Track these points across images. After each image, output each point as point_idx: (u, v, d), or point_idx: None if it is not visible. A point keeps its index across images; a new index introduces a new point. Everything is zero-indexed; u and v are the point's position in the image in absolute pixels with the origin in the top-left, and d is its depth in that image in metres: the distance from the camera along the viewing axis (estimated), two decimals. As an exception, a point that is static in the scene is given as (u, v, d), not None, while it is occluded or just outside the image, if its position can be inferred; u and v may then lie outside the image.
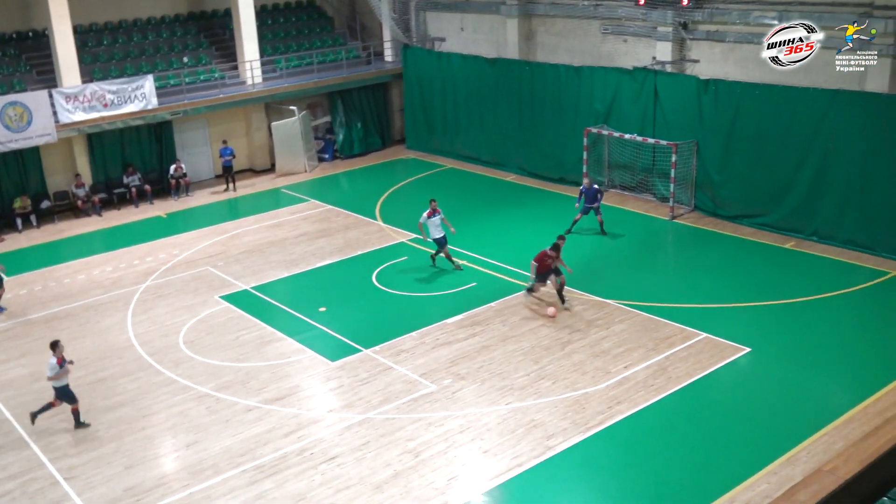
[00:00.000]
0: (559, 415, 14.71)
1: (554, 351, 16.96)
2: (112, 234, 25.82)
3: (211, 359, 17.44)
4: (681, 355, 16.51)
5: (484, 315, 18.75)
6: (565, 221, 24.57)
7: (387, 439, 14.31)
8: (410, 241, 23.42)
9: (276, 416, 15.21)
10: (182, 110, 28.53)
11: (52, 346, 15.16)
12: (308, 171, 31.16)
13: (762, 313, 18.20)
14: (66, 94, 26.31)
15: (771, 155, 22.47)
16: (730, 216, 23.67)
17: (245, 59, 30.57)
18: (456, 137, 31.42)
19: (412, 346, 17.50)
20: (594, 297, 19.25)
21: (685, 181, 24.39)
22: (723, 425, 14.33)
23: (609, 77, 25.87)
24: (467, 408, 15.12)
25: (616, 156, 26.18)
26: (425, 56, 31.81)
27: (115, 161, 28.46)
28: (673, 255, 22.84)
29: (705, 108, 23.63)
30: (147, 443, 14.66)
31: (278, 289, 20.88)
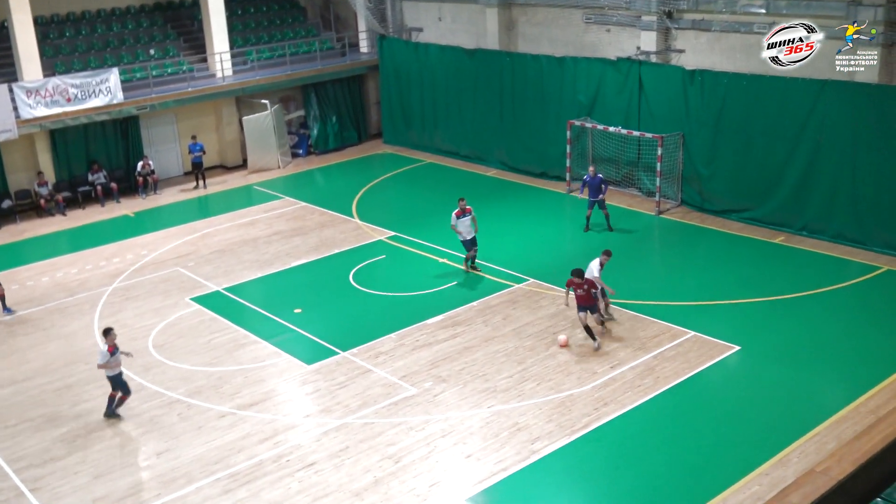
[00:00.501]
0: (544, 417, 14.74)
1: (538, 351, 16.99)
2: (77, 234, 25.59)
3: (182, 363, 17.33)
4: (668, 354, 16.58)
5: (465, 315, 18.75)
6: (548, 217, 24.62)
7: (366, 445, 14.29)
8: (388, 239, 23.38)
9: (250, 422, 15.14)
10: (149, 105, 28.34)
11: (104, 333, 15.31)
12: (281, 167, 31.03)
13: (752, 310, 18.31)
14: (27, 89, 26.05)
15: (759, 147, 22.62)
16: (717, 211, 23.81)
17: (214, 50, 30.40)
18: (435, 131, 31.40)
19: (391, 348, 17.47)
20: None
21: (671, 175, 24.50)
22: (713, 426, 14.41)
23: (592, 68, 25.94)
24: (449, 411, 15.12)
25: (600, 149, 26.25)
26: (402, 47, 31.76)
27: (79, 158, 28.21)
28: (659, 252, 22.93)
29: (691, 99, 23.74)
30: (116, 451, 14.54)
31: (251, 290, 20.78)
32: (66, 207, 27.41)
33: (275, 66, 31.65)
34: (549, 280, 20.07)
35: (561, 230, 24.04)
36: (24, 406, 16.08)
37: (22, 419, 15.63)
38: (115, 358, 15.20)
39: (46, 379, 17.02)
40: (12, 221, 26.63)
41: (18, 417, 15.69)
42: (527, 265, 21.05)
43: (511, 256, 21.71)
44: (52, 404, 16.07)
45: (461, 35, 31.06)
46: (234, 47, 31.59)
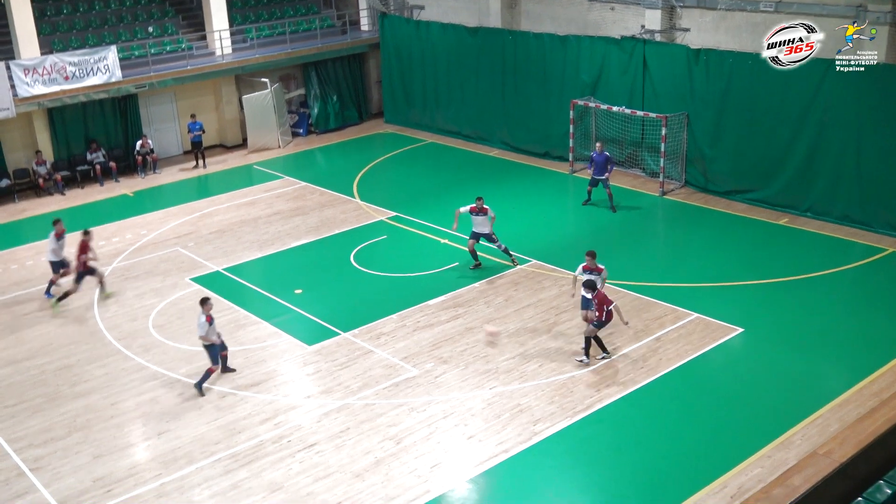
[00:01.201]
0: (546, 399, 14.79)
1: (540, 333, 17.02)
2: (76, 213, 25.57)
3: (182, 343, 17.37)
4: (671, 336, 16.62)
5: (467, 296, 18.77)
6: (551, 198, 24.60)
7: (367, 426, 14.35)
8: (389, 220, 23.37)
9: (251, 402, 15.20)
10: (148, 83, 28.24)
11: (201, 303, 15.43)
12: (281, 146, 30.98)
13: (755, 292, 18.33)
14: (25, 67, 25.95)
15: (764, 128, 22.56)
16: (722, 192, 23.77)
17: (214, 28, 30.26)
18: (436, 111, 31.31)
19: (392, 329, 17.51)
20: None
21: (675, 155, 24.45)
22: (715, 408, 14.46)
23: (596, 47, 25.82)
24: (450, 392, 15.17)
25: (604, 129, 26.18)
26: (403, 25, 31.61)
27: (77, 137, 28.15)
28: (663, 233, 22.92)
29: (696, 79, 23.65)
30: (116, 431, 14.61)
31: (252, 270, 20.80)
32: (64, 187, 27.39)
33: (275, 45, 31.52)
34: (552, 261, 20.08)
35: (564, 211, 24.01)
36: (24, 386, 16.14)
37: (22, 399, 15.70)
38: (212, 328, 15.40)
39: (46, 359, 17.08)
40: (11, 201, 26.61)
41: (18, 397, 15.76)
42: (529, 246, 21.05)
43: (513, 237, 21.69)
44: (52, 384, 16.14)
45: (463, 13, 30.91)
46: (234, 25, 31.44)
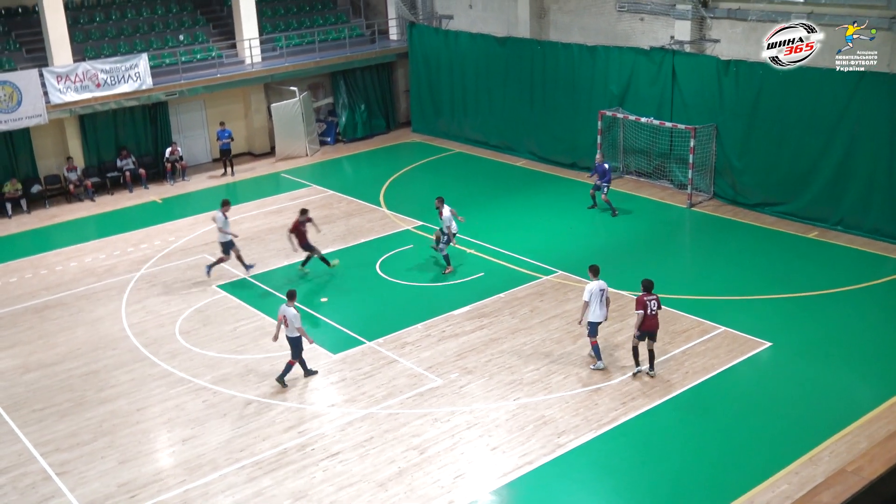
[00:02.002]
0: (570, 411, 14.73)
1: (565, 344, 16.96)
2: (105, 219, 25.87)
3: (208, 350, 17.49)
4: (698, 349, 16.50)
5: (492, 306, 18.76)
6: (578, 209, 24.55)
7: (391, 435, 14.36)
8: (415, 229, 23.41)
9: (275, 410, 15.27)
10: (178, 91, 28.53)
11: (289, 296, 15.81)
12: (309, 155, 31.15)
13: (784, 306, 18.17)
14: (58, 74, 26.31)
15: (794, 140, 22.38)
16: (750, 204, 23.61)
17: (244, 37, 30.53)
18: (464, 120, 31.36)
19: (417, 339, 17.52)
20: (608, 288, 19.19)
21: (704, 167, 24.32)
22: (742, 423, 14.33)
23: (625, 57, 25.77)
24: (474, 403, 15.15)
25: (631, 140, 26.11)
26: (432, 35, 31.72)
27: (108, 144, 28.48)
28: (690, 245, 22.80)
29: (726, 90, 23.53)
30: (142, 437, 14.73)
31: (278, 278, 20.91)
32: (94, 193, 27.71)
33: (304, 53, 31.73)
34: (578, 272, 20.02)
35: (590, 222, 23.94)
36: (52, 390, 16.32)
37: (49, 403, 15.87)
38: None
39: (74, 364, 17.26)
40: (42, 206, 26.95)
41: (46, 402, 15.94)
42: (555, 257, 21.01)
43: (539, 248, 21.67)
44: (79, 389, 16.30)
45: (492, 23, 30.97)
46: (264, 33, 31.70)
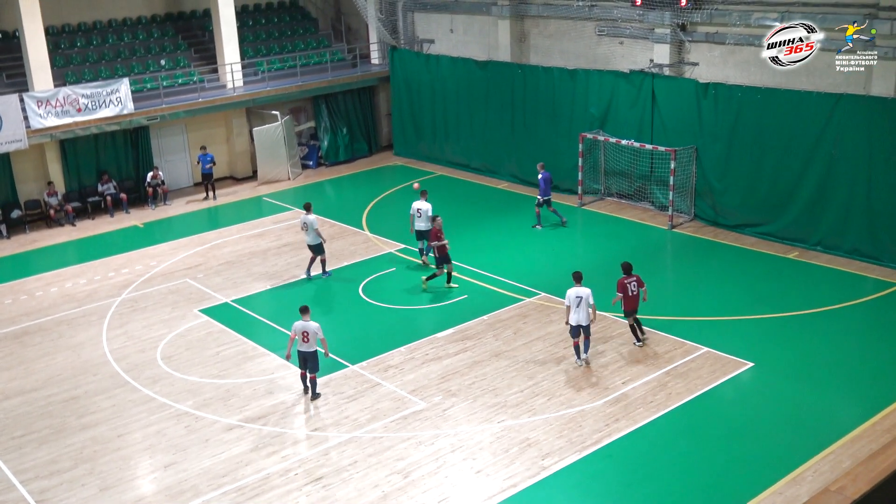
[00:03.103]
0: (554, 433, 14.71)
1: (549, 366, 16.96)
2: (86, 244, 25.71)
3: (190, 375, 17.37)
4: (681, 370, 16.53)
5: (475, 329, 18.74)
6: (560, 231, 24.64)
7: (375, 459, 14.28)
8: (399, 252, 23.41)
9: (258, 435, 15.16)
10: (159, 115, 28.50)
11: (303, 311, 16.05)
12: (291, 178, 31.13)
13: (765, 326, 18.25)
14: (38, 99, 26.23)
15: (773, 161, 22.57)
16: (731, 225, 23.76)
17: (225, 61, 30.57)
18: (446, 144, 31.47)
19: (401, 362, 17.47)
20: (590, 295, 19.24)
21: (684, 189, 24.47)
22: (726, 443, 14.35)
23: (605, 80, 25.97)
24: (459, 426, 15.10)
25: (613, 162, 26.25)
26: (413, 59, 31.87)
27: (89, 168, 28.37)
28: (672, 266, 22.89)
29: (705, 112, 23.73)
30: (123, 464, 14.58)
31: (260, 302, 20.83)
32: (75, 218, 27.56)
33: (285, 77, 31.80)
34: (560, 294, 19.97)
35: (573, 244, 24.02)
36: (32, 417, 16.14)
37: (29, 430, 15.69)
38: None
39: (54, 390, 17.09)
40: (22, 231, 26.76)
41: (25, 428, 15.76)
42: (537, 279, 21.04)
43: (522, 270, 21.70)
44: (59, 415, 16.13)
45: (473, 46, 31.16)
46: (245, 58, 31.76)
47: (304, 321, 15.93)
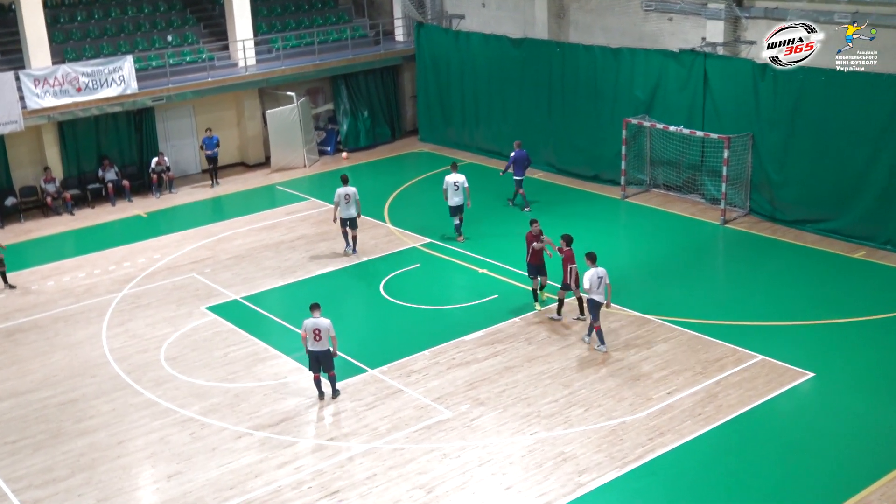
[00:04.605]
0: (592, 447, 14.69)
1: (587, 374, 16.93)
2: (85, 235, 25.98)
3: (196, 378, 17.51)
4: (733, 380, 16.45)
5: (507, 331, 18.75)
6: (600, 226, 24.57)
7: (395, 472, 14.33)
8: (423, 247, 23.45)
9: (269, 444, 15.25)
10: (165, 96, 28.70)
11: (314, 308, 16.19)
12: (307, 165, 31.27)
13: (828, 333, 18.11)
14: (35, 77, 26.49)
15: (838, 151, 22.38)
16: (790, 221, 23.59)
17: (237, 38, 30.73)
18: (476, 129, 31.46)
19: (424, 367, 17.52)
20: (633, 312, 19.22)
21: (739, 180, 24.32)
22: (781, 462, 14.26)
23: (652, 61, 25.84)
24: (487, 438, 15.12)
25: (659, 151, 26.14)
26: (442, 36, 31.88)
27: (89, 153, 28.64)
28: (724, 265, 22.77)
29: (762, 96, 23.56)
30: (123, 473, 14.72)
31: (272, 299, 20.95)
32: (74, 206, 27.84)
33: (302, 56, 31.91)
34: (601, 295, 20.00)
35: (615, 240, 23.95)
36: (26, 421, 16.35)
37: (23, 435, 15.89)
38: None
39: (49, 392, 17.28)
40: (16, 220, 27.07)
41: (19, 433, 15.96)
42: (576, 278, 20.98)
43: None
44: (55, 420, 16.32)
45: (506, 23, 31.11)
46: (259, 34, 31.90)
47: (314, 318, 16.00)
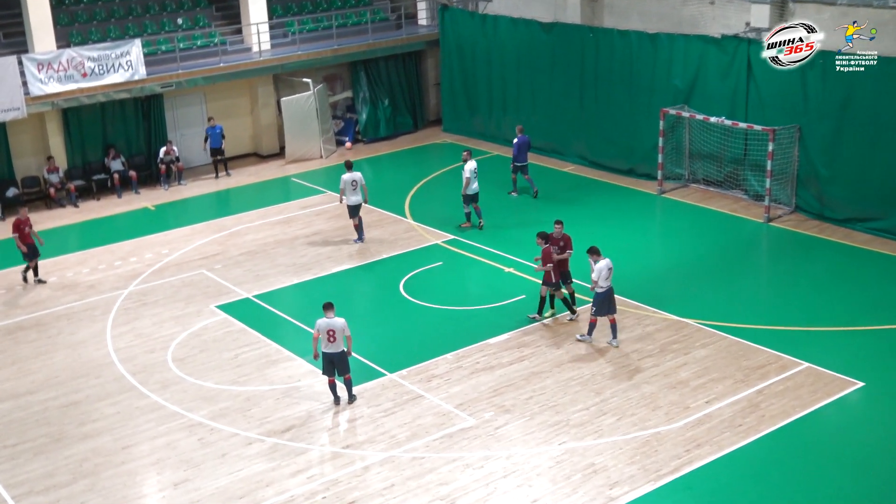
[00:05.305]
0: (625, 459, 14.64)
1: (620, 380, 16.88)
2: (90, 228, 26.16)
3: (205, 380, 17.58)
4: (776, 389, 16.35)
5: (535, 334, 18.72)
6: (635, 223, 24.49)
7: (414, 483, 14.33)
8: (445, 244, 23.44)
9: (281, 451, 15.30)
10: (175, 82, 28.84)
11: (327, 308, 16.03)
12: (324, 156, 31.34)
13: (878, 340, 17.98)
14: (39, 61, 26.67)
15: (893, 144, 22.21)
16: (839, 219, 23.45)
17: (250, 21, 30.83)
18: (503, 119, 31.42)
19: (446, 371, 17.51)
20: (670, 315, 19.14)
21: (784, 175, 24.19)
22: (828, 477, 14.17)
23: (692, 47, 25.73)
24: (513, 447, 15.10)
25: (699, 143, 26.02)
26: (467, 19, 31.86)
27: (94, 142, 28.83)
28: (768, 266, 22.65)
29: (811, 86, 23.41)
30: (128, 479, 14.80)
31: (286, 298, 21.01)
32: (78, 198, 28.03)
33: (319, 40, 31.98)
34: (636, 297, 19.93)
35: (650, 238, 23.86)
36: (26, 424, 16.46)
37: (23, 439, 16.00)
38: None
39: (51, 394, 17.40)
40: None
41: (19, 437, 16.08)
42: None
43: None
44: (56, 423, 16.43)
45: (536, 6, 31.03)
46: (274, 17, 32.00)
47: (328, 318, 16.01)
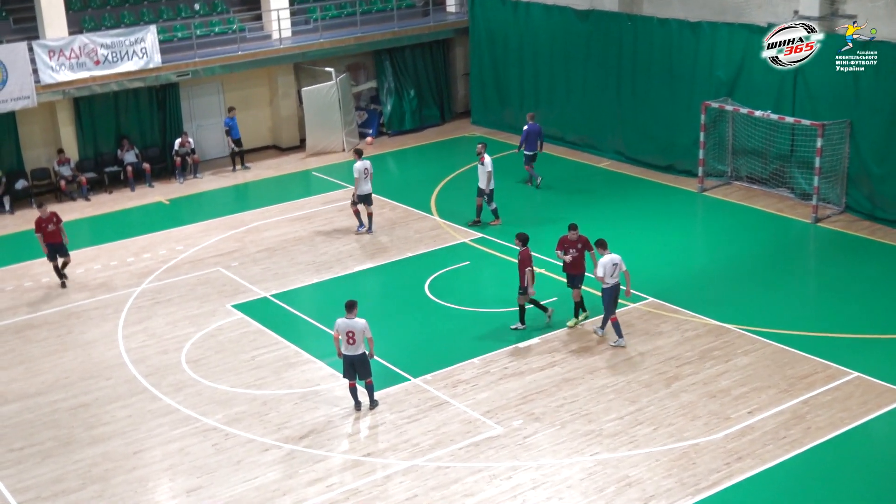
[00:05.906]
0: (661, 471, 14.60)
1: (656, 388, 16.83)
2: (102, 222, 26.34)
3: (220, 383, 17.67)
4: (823, 400, 16.26)
5: (566, 339, 18.69)
6: (674, 222, 24.40)
7: (438, 493, 14.35)
8: (473, 242, 23.44)
9: (298, 458, 15.35)
10: (191, 70, 28.98)
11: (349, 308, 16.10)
12: (346, 150, 31.40)
13: (932, 348, 17.85)
14: (50, 48, 26.85)
15: (948, 141, 22.09)
16: (892, 220, 23.30)
17: (270, 7, 30.93)
18: (535, 111, 31.30)
19: (473, 376, 17.52)
20: (710, 320, 19.06)
21: (834, 173, 24.05)
22: (876, 493, 14.10)
23: (736, 37, 25.62)
24: (542, 457, 15.09)
25: (743, 139, 25.90)
26: (498, 6, 31.84)
27: (107, 133, 29.02)
28: (815, 269, 22.55)
29: (863, 78, 23.23)
30: (139, 486, 14.89)
31: (306, 298, 21.09)
32: (89, 191, 28.24)
33: (342, 27, 32.06)
34: (674, 300, 19.86)
35: (691, 238, 23.76)
36: (34, 426, 16.60)
37: (30, 442, 16.14)
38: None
39: (60, 395, 17.54)
40: (27, 205, 27.45)
41: (26, 440, 16.22)
42: (645, 280, 20.81)
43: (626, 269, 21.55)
44: (65, 426, 16.55)
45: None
46: (295, 3, 32.09)
47: (348, 319, 16.03)
